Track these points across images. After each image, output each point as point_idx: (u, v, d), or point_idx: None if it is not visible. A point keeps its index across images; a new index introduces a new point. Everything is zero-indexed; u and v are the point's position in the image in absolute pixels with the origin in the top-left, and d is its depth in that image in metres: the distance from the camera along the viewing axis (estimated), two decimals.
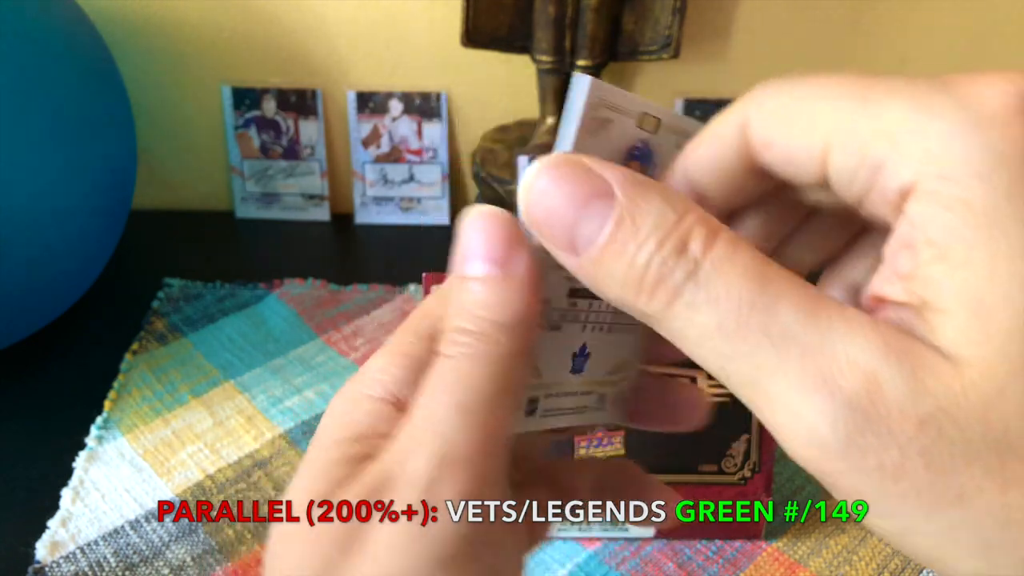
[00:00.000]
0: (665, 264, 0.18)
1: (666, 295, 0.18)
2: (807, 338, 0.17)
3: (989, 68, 0.18)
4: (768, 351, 0.17)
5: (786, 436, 0.17)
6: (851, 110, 0.18)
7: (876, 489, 0.16)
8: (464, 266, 0.20)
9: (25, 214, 0.49)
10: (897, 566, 0.45)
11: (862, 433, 0.16)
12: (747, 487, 0.43)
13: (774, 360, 0.17)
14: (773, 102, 0.20)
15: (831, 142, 0.18)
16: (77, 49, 0.55)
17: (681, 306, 0.18)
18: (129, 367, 0.58)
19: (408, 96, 0.71)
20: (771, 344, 0.17)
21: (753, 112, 0.20)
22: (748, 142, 0.20)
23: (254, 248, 0.73)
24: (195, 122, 0.74)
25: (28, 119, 0.49)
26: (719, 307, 0.17)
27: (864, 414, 0.16)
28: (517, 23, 0.63)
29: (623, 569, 0.44)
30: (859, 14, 0.67)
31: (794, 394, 0.17)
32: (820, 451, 0.17)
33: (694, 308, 0.18)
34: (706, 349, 0.18)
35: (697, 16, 0.67)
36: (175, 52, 0.70)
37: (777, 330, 0.17)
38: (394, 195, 0.74)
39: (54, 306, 0.57)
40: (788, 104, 0.20)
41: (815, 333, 0.17)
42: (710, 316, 0.17)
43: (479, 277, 0.20)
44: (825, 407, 0.16)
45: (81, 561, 0.45)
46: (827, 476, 0.17)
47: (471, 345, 0.20)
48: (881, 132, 0.18)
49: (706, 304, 0.17)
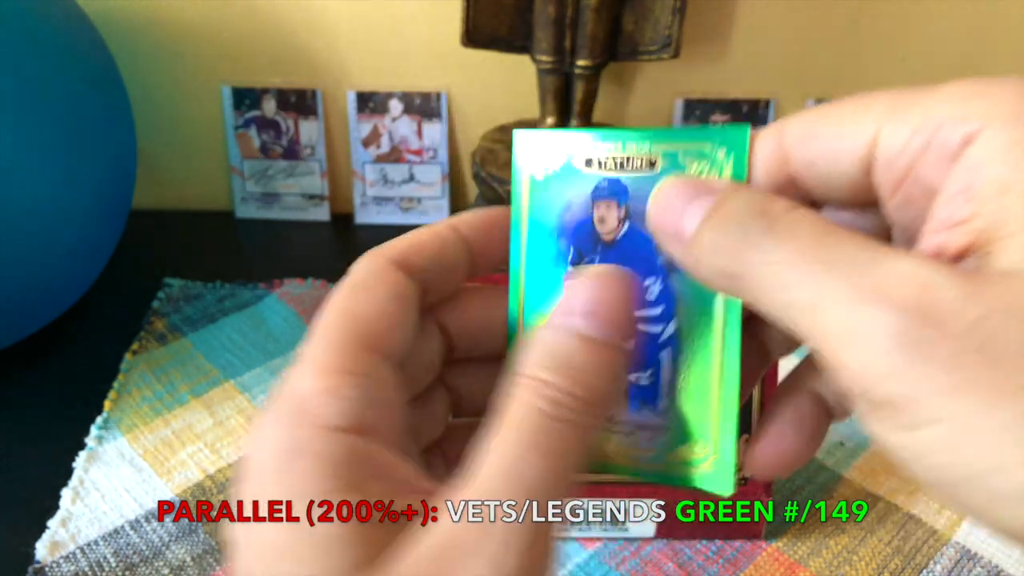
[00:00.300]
0: (749, 224, 0.19)
1: (746, 248, 0.19)
2: (863, 261, 0.18)
3: (989, 68, 0.19)
4: (826, 275, 0.18)
5: (841, 356, 0.17)
6: (904, 95, 0.20)
7: (930, 387, 0.16)
8: (589, 323, 0.21)
9: (25, 214, 0.49)
10: (897, 566, 0.45)
11: (917, 331, 0.16)
12: (747, 487, 0.43)
13: (831, 282, 0.18)
14: (812, 113, 0.22)
15: (884, 121, 0.20)
16: (77, 49, 0.55)
17: (757, 252, 0.19)
18: (129, 367, 0.58)
19: (408, 96, 0.71)
20: (829, 269, 0.18)
21: (791, 122, 0.22)
22: (783, 152, 0.22)
23: (254, 248, 0.73)
24: (195, 122, 0.74)
25: (28, 119, 0.49)
26: (789, 245, 0.19)
27: (919, 316, 0.16)
28: (517, 23, 0.63)
29: (623, 569, 0.44)
30: (859, 14, 0.67)
31: (848, 308, 0.17)
32: (873, 360, 0.17)
33: (766, 251, 0.19)
34: (775, 289, 0.19)
35: (697, 16, 0.67)
36: (175, 52, 0.70)
37: (837, 258, 0.18)
38: (394, 195, 0.74)
39: (54, 306, 0.57)
40: (830, 108, 0.21)
41: (871, 257, 0.18)
42: (781, 254, 0.19)
43: (604, 342, 0.20)
44: (878, 315, 0.17)
45: (81, 561, 0.45)
46: (880, 389, 0.17)
47: (580, 413, 0.19)
48: (941, 99, 0.19)
49: (777, 244, 0.19)
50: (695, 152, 0.24)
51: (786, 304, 0.19)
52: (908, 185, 0.19)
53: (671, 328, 0.24)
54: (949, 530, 0.46)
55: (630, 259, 0.24)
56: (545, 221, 0.25)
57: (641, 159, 0.24)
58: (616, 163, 0.24)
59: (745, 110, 0.70)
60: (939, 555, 0.45)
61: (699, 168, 0.24)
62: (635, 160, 0.24)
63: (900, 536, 0.46)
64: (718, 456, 0.23)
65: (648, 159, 0.24)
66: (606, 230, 0.25)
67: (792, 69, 0.70)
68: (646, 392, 0.24)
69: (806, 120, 0.21)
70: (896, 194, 0.20)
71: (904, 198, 0.20)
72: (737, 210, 0.20)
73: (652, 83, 0.71)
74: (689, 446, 0.24)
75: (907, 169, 0.19)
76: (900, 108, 0.20)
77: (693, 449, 0.24)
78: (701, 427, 0.24)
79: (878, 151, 0.20)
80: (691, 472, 0.24)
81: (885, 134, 0.20)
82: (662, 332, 0.24)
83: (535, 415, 0.19)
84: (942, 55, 0.69)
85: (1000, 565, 0.44)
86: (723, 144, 0.23)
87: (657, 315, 0.24)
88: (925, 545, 0.46)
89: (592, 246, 0.25)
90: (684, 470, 0.24)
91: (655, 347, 0.24)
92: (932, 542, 0.46)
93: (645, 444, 0.24)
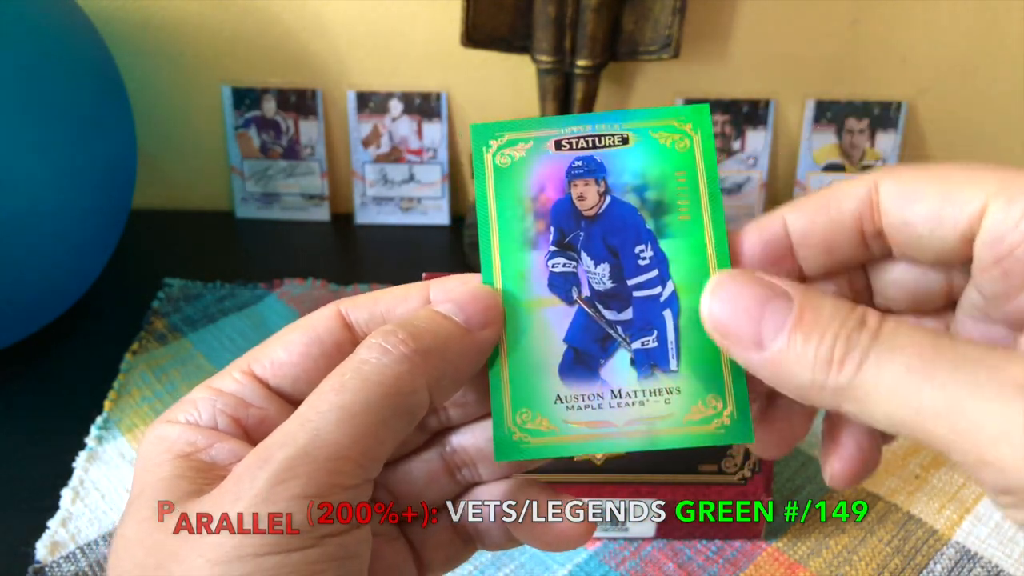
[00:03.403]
0: (850, 337, 0.20)
1: (854, 361, 0.19)
2: (991, 360, 0.18)
3: (989, 68, 0.19)
4: (959, 377, 0.18)
5: (991, 453, 0.18)
6: (1015, 175, 0.21)
7: None
8: (447, 306, 0.24)
9: (25, 214, 0.49)
10: (897, 566, 0.45)
11: None
12: (747, 487, 0.43)
13: (966, 382, 0.18)
14: (913, 172, 0.22)
15: (994, 196, 0.20)
16: (77, 49, 0.55)
17: (870, 365, 0.19)
18: (129, 367, 0.58)
19: (408, 96, 0.71)
20: (960, 370, 0.18)
21: (887, 180, 0.22)
22: (874, 208, 0.22)
23: (254, 248, 0.73)
24: (195, 122, 0.74)
25: (28, 119, 0.49)
26: (905, 353, 0.19)
27: None
28: (517, 23, 0.63)
29: (623, 569, 0.44)
30: (859, 14, 0.67)
31: (993, 406, 0.17)
32: None
33: (881, 363, 0.19)
34: (898, 397, 0.19)
35: (697, 16, 0.67)
36: (175, 52, 0.70)
37: (962, 359, 0.18)
38: (394, 195, 0.74)
39: (54, 306, 0.57)
40: (935, 172, 0.22)
41: (997, 356, 0.18)
42: (898, 363, 0.19)
43: (450, 317, 0.23)
44: None
45: (81, 561, 0.45)
46: None
47: (407, 351, 0.22)
48: None
49: (891, 354, 0.19)
50: (664, 127, 0.25)
51: (914, 412, 0.19)
52: (1010, 261, 0.20)
53: (668, 288, 0.25)
54: (949, 530, 0.46)
55: (617, 230, 0.25)
56: (514, 207, 0.26)
57: (613, 136, 0.25)
58: (589, 142, 0.25)
59: (745, 110, 0.70)
60: (939, 555, 0.45)
61: (671, 140, 0.25)
62: (607, 138, 0.25)
63: (900, 536, 0.46)
64: (734, 407, 0.24)
65: (620, 136, 0.25)
66: (587, 206, 0.25)
67: (792, 69, 0.70)
68: (655, 354, 0.24)
69: (907, 179, 0.22)
70: (995, 267, 0.21)
71: (1003, 272, 0.21)
72: (830, 320, 0.20)
73: (652, 83, 0.71)
74: (705, 401, 0.24)
75: (1013, 247, 0.20)
76: (1012, 187, 0.20)
77: (709, 404, 0.24)
78: (713, 380, 0.24)
79: (985, 224, 0.20)
80: (711, 428, 0.24)
81: (993, 210, 0.20)
82: (660, 293, 0.25)
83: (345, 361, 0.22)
84: (942, 55, 0.69)
85: (1000, 565, 0.44)
86: (689, 120, 0.25)
87: (653, 278, 0.25)
88: (925, 545, 0.46)
89: (575, 223, 0.25)
90: (703, 428, 0.24)
91: (656, 308, 0.25)
92: (932, 542, 0.46)
93: (660, 410, 0.24)
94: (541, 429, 0.24)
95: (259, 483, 0.20)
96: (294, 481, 0.20)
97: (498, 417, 0.24)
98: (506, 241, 0.25)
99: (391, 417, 0.21)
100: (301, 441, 0.20)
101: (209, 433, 0.23)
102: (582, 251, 0.25)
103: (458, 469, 0.27)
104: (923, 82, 0.70)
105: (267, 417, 0.24)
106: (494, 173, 0.26)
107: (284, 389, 0.24)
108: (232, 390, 0.24)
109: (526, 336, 0.25)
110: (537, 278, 0.25)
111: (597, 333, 0.25)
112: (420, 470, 0.27)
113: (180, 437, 0.23)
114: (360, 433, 0.21)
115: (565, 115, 0.26)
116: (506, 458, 0.24)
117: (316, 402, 0.21)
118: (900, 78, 0.70)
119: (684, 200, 0.25)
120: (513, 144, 0.26)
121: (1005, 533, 0.46)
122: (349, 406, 0.21)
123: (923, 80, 0.70)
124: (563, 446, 0.24)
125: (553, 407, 0.24)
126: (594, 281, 0.25)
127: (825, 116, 0.71)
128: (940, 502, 0.48)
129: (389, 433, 0.22)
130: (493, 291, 0.25)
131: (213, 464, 0.22)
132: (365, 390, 0.21)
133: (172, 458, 0.22)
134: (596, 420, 0.24)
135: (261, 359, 0.24)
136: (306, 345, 0.24)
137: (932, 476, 0.49)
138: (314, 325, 0.24)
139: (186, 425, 0.23)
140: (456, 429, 0.27)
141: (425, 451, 0.27)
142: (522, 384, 0.24)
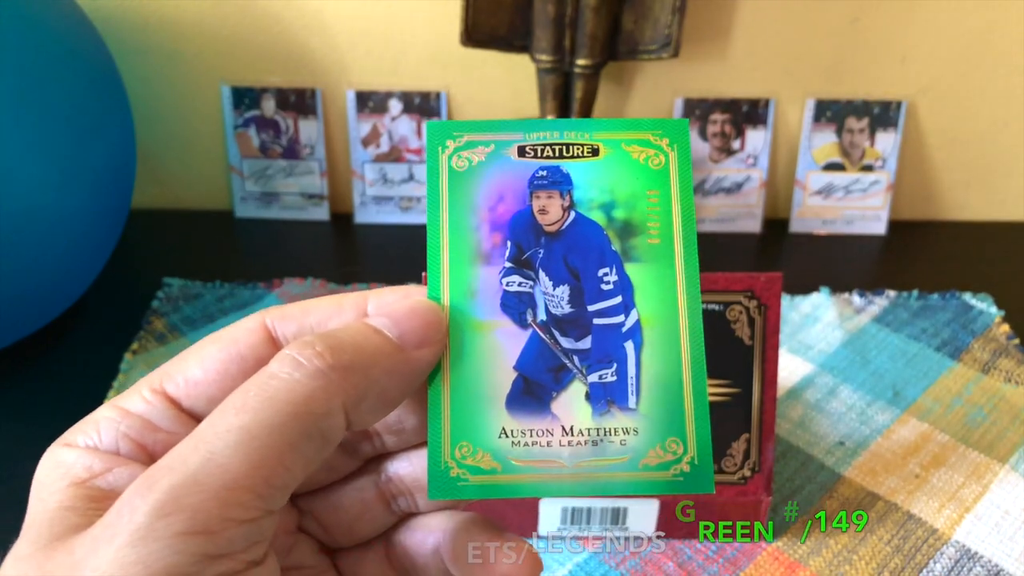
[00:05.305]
0: None
1: None
2: None
3: (989, 68, 0.19)
4: None
5: None
6: None
7: None
8: (380, 321, 0.22)
9: (25, 214, 0.49)
10: (897, 565, 0.45)
11: None
12: (747, 486, 0.43)
13: None
14: None
15: None
16: (77, 49, 0.55)
17: None
18: (129, 367, 0.58)
19: (408, 95, 0.71)
20: None
21: None
22: None
23: (253, 248, 0.73)
24: (195, 122, 0.74)
25: (28, 119, 0.49)
26: None
27: None
28: (517, 22, 0.63)
29: (623, 569, 0.44)
30: (859, 13, 0.67)
31: None
32: None
33: None
34: None
35: (697, 16, 0.67)
36: (175, 52, 0.70)
37: None
38: (394, 195, 0.74)
39: (54, 306, 0.57)
40: None
41: None
42: None
43: (381, 331, 0.21)
44: None
45: None
46: None
47: (323, 365, 0.20)
48: None
49: None
50: (638, 141, 0.23)
51: None
52: None
53: (632, 317, 0.23)
54: (949, 529, 0.46)
55: (580, 249, 0.23)
56: (469, 216, 0.23)
57: (582, 147, 0.23)
58: (555, 151, 0.23)
59: (745, 109, 0.70)
60: (939, 554, 0.45)
61: (644, 155, 0.23)
62: (575, 147, 0.23)
63: (900, 536, 0.46)
64: (696, 452, 0.22)
65: (590, 146, 0.23)
66: (549, 221, 0.23)
67: (792, 69, 0.70)
68: (612, 389, 0.22)
69: None
70: None
71: None
72: None
73: (652, 82, 0.71)
74: (664, 444, 0.22)
75: None
76: None
77: (668, 447, 0.22)
78: (674, 421, 0.22)
79: None
80: (669, 475, 0.22)
81: None
82: (623, 323, 0.23)
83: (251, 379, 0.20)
84: (942, 55, 0.69)
85: (1000, 564, 0.44)
86: (666, 135, 0.23)
87: (616, 305, 0.23)
88: (925, 544, 0.46)
89: (534, 239, 0.23)
90: (660, 475, 0.22)
91: (618, 338, 0.23)
92: (932, 541, 0.46)
93: (614, 452, 0.22)
94: (482, 466, 0.22)
95: (138, 516, 0.18)
96: (177, 515, 0.18)
97: (434, 449, 0.22)
98: (457, 253, 0.23)
99: (300, 440, 0.19)
100: (192, 466, 0.18)
101: (108, 458, 0.21)
102: (540, 270, 0.23)
103: (393, 499, 0.25)
104: (923, 82, 0.70)
105: (176, 442, 0.20)
106: (449, 177, 0.23)
107: (198, 411, 0.22)
108: (139, 411, 0.22)
109: (472, 360, 0.22)
110: (489, 296, 0.23)
111: (551, 362, 0.23)
112: (351, 499, 0.25)
113: (77, 462, 0.21)
114: (261, 458, 0.18)
115: (531, 119, 0.25)
116: (441, 496, 0.22)
117: (216, 420, 0.19)
118: (900, 78, 0.70)
119: (655, 222, 0.23)
120: (472, 146, 0.23)
121: (1005, 532, 0.46)
122: (250, 427, 0.19)
123: (923, 80, 0.70)
124: (505, 486, 0.22)
125: (497, 442, 0.22)
126: (551, 304, 0.23)
127: (825, 115, 0.71)
128: (940, 501, 0.48)
129: (298, 458, 0.19)
130: (437, 307, 0.22)
131: (111, 491, 0.20)
132: (270, 408, 0.19)
133: (65, 486, 0.21)
134: (543, 459, 0.22)
135: (174, 376, 0.22)
136: (224, 362, 0.22)
137: (932, 475, 0.49)
138: (235, 339, 0.22)
139: (84, 449, 0.21)
140: (393, 456, 0.25)
141: (357, 478, 0.25)
142: (464, 413, 0.22)
